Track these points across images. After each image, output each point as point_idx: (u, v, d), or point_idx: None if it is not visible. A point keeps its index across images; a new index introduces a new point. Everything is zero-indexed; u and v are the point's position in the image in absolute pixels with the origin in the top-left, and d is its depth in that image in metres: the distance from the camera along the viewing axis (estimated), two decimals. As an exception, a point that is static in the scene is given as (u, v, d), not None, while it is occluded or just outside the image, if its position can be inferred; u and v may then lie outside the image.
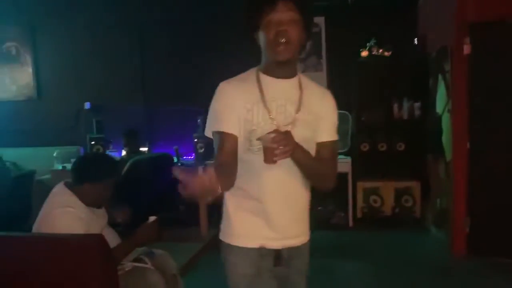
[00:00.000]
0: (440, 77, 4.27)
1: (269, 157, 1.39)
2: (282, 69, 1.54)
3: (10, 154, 5.18)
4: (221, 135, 1.49)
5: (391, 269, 3.70)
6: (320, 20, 5.18)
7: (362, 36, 4.95)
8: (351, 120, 5.00)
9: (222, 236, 1.61)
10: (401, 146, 4.83)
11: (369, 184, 4.91)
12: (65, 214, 2.15)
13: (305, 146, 1.49)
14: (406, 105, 4.84)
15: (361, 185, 4.90)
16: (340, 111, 5.74)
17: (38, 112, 5.58)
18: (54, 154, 4.71)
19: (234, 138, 1.50)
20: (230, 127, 1.50)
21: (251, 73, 1.58)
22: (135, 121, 5.23)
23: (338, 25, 5.12)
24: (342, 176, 4.77)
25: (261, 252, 1.55)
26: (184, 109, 5.13)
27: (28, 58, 5.64)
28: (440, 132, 4.29)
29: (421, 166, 4.87)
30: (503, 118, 3.77)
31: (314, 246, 1.69)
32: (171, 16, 5.32)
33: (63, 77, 5.58)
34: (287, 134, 1.40)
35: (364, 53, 4.89)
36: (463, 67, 3.83)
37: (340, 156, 4.91)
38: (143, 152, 4.78)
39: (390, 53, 4.83)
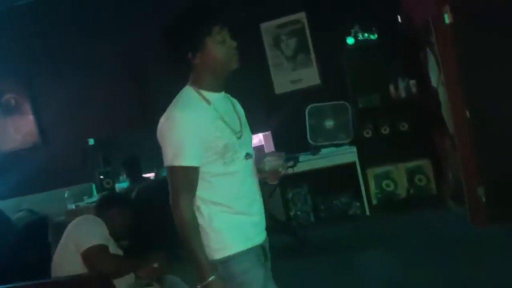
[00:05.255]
0: (428, 50, 4.20)
1: (275, 177, 1.72)
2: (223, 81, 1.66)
3: (26, 202, 5.32)
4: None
5: (413, 252, 3.63)
6: (301, 16, 5.16)
7: (346, 23, 4.91)
8: (350, 109, 4.96)
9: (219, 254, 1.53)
10: (404, 126, 4.76)
11: (379, 170, 4.85)
12: (93, 220, 2.42)
13: None
14: (402, 84, 4.78)
15: (371, 171, 4.85)
16: (338, 102, 5.55)
17: (45, 156, 5.66)
18: (66, 195, 4.80)
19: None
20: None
21: (191, 95, 1.60)
22: (140, 148, 5.26)
23: (319, 17, 5.09)
24: (351, 166, 4.73)
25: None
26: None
27: (27, 107, 5.78)
28: (439, 105, 4.22)
29: (428, 143, 4.80)
30: (499, 80, 3.69)
31: (336, 239, 1.69)
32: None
33: (63, 118, 5.66)
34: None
35: (351, 40, 4.85)
36: (448, 37, 3.76)
37: (344, 146, 4.88)
38: (147, 179, 4.80)
39: (376, 35, 4.78)
